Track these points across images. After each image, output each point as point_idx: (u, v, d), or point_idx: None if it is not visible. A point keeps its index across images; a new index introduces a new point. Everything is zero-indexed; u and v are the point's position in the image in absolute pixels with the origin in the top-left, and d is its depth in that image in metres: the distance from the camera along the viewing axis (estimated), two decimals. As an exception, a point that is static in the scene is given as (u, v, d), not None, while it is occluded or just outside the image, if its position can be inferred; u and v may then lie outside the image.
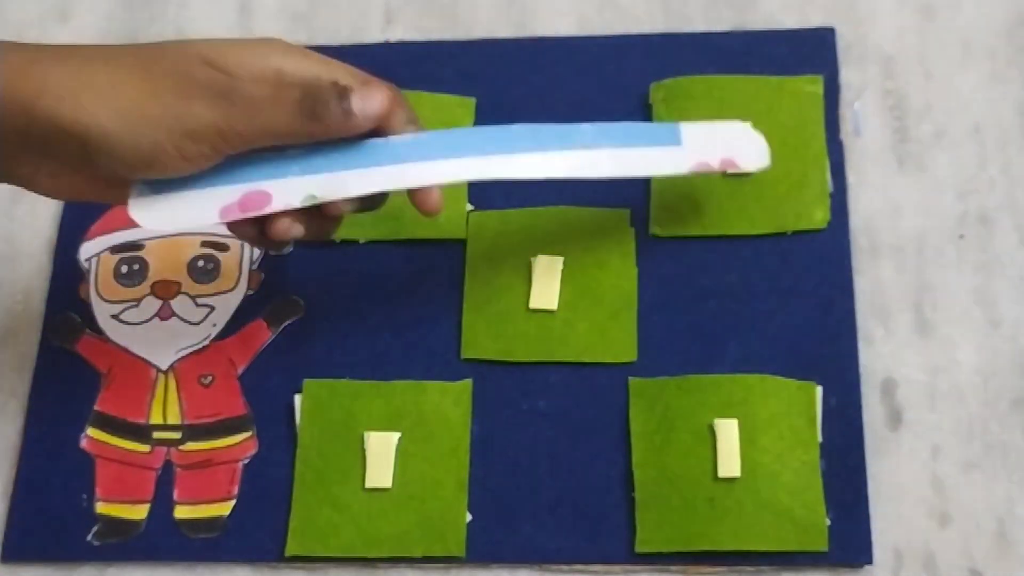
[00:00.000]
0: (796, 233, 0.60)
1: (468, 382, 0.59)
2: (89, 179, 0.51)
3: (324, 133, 0.50)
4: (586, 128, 0.57)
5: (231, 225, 0.53)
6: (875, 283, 0.60)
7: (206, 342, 0.61)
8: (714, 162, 0.58)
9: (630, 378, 0.58)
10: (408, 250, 0.62)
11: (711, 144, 0.58)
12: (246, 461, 0.59)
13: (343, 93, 0.50)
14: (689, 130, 0.58)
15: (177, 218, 0.52)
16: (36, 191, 0.52)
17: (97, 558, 0.58)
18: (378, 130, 0.52)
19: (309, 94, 0.50)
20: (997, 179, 0.61)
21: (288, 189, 0.52)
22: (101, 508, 0.59)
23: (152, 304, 0.62)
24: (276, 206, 0.52)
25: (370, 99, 0.51)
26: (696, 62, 0.64)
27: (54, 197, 0.55)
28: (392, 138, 0.53)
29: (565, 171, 0.56)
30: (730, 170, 0.58)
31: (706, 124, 0.59)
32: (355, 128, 0.51)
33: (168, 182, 0.52)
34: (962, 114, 0.63)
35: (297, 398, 0.59)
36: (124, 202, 0.52)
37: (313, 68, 0.51)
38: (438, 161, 0.53)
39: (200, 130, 0.49)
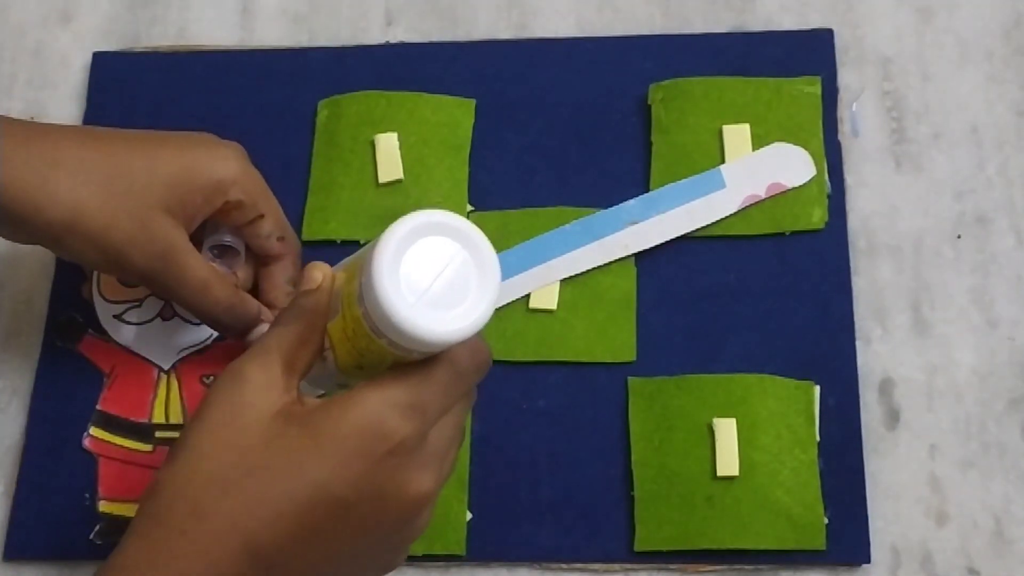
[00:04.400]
0: (794, 233, 0.60)
1: (468, 382, 0.59)
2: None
3: (224, 327, 0.57)
4: (632, 204, 0.61)
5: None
6: (873, 283, 0.60)
7: (208, 342, 0.62)
8: (761, 191, 0.60)
9: (629, 378, 0.59)
10: (409, 250, 0.62)
11: (754, 175, 0.61)
12: (248, 460, 0.59)
13: (253, 323, 0.57)
14: (730, 169, 0.61)
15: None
16: None
17: (99, 557, 0.58)
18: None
19: (237, 302, 0.56)
20: (994, 179, 0.62)
21: None
22: (104, 507, 0.59)
23: (154, 304, 0.62)
24: None
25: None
26: (695, 63, 0.64)
27: None
28: None
29: (623, 251, 0.60)
30: (778, 192, 0.60)
31: (745, 158, 0.60)
32: (238, 340, 0.58)
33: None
34: (959, 115, 0.63)
35: (298, 398, 0.60)
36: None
37: (255, 198, 0.57)
38: (507, 281, 0.59)
39: (152, 247, 0.53)
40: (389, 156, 0.63)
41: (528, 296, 0.60)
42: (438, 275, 0.40)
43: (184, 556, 0.41)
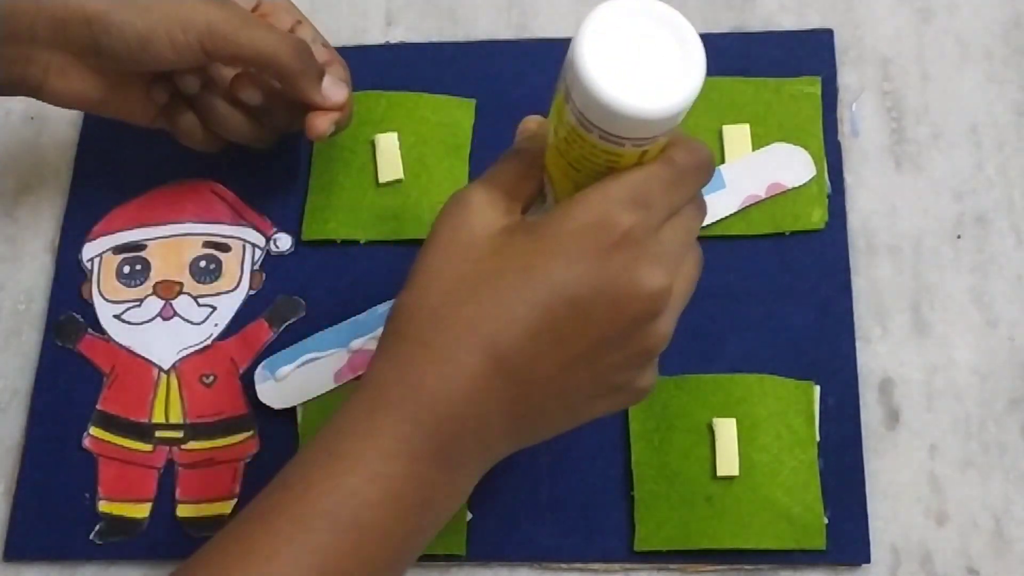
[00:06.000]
0: (794, 233, 0.60)
1: (468, 381, 0.59)
2: (96, 75, 0.56)
3: (295, 76, 0.56)
4: None
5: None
6: (873, 283, 0.60)
7: (208, 342, 0.62)
8: (761, 191, 0.60)
9: (629, 377, 0.59)
10: (408, 250, 0.62)
11: (754, 175, 0.61)
12: (248, 460, 0.59)
13: (322, 69, 0.57)
14: (730, 170, 0.61)
15: (300, 393, 0.59)
16: (48, 98, 0.57)
17: (99, 557, 0.58)
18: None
19: (300, 41, 0.56)
20: (994, 179, 0.62)
21: None
22: (103, 507, 0.59)
23: (154, 304, 0.62)
24: None
25: (337, 91, 0.57)
26: (695, 63, 0.64)
27: (64, 104, 0.58)
28: None
29: None
30: (778, 192, 0.60)
31: (745, 158, 0.60)
32: (311, 96, 0.57)
33: (278, 362, 0.59)
34: (959, 115, 0.63)
35: (298, 397, 0.60)
36: (129, 113, 0.59)
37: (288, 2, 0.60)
38: None
39: (192, 21, 0.53)
40: (389, 156, 0.63)
41: (528, 296, 0.60)
42: (641, 56, 0.40)
43: (429, 363, 0.42)
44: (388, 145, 0.63)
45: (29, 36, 0.54)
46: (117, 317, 0.62)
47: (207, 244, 0.64)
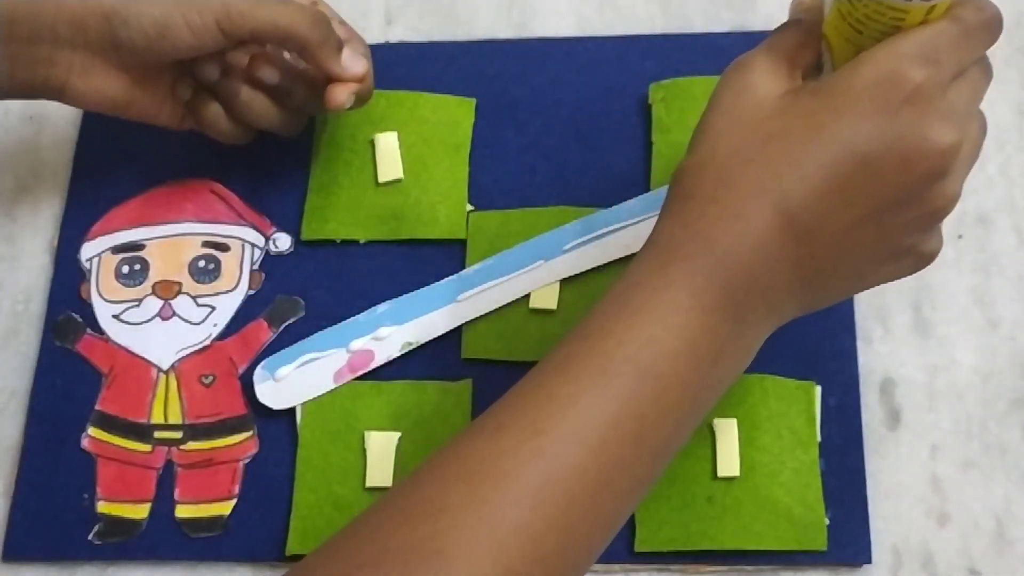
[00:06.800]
0: (795, 233, 0.60)
1: (468, 382, 0.59)
2: (119, 72, 0.56)
3: (314, 47, 0.56)
4: (632, 204, 0.61)
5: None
6: (874, 283, 0.60)
7: (207, 342, 0.61)
8: None
9: (630, 378, 0.59)
10: (408, 250, 0.62)
11: None
12: (247, 460, 0.59)
13: (340, 41, 0.57)
14: None
15: (299, 393, 0.59)
16: (71, 99, 0.57)
17: (98, 557, 0.58)
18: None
19: (318, 12, 0.56)
20: (995, 179, 0.62)
21: (387, 343, 0.59)
22: (102, 507, 0.59)
23: (153, 304, 0.62)
24: (379, 360, 0.59)
25: (357, 63, 0.57)
26: (696, 63, 0.64)
27: (88, 106, 0.58)
28: (456, 276, 0.60)
29: (623, 251, 0.59)
30: None
31: None
32: (331, 67, 0.57)
33: (277, 362, 0.59)
34: (961, 115, 0.63)
35: (298, 398, 0.60)
36: (155, 114, 0.59)
37: None
38: (500, 281, 0.60)
39: (208, 3, 0.54)
40: (389, 155, 0.63)
41: (528, 296, 0.60)
42: None
43: (719, 220, 0.42)
44: (388, 145, 0.63)
45: (51, 36, 0.54)
46: (116, 317, 0.62)
47: (206, 244, 0.63)
